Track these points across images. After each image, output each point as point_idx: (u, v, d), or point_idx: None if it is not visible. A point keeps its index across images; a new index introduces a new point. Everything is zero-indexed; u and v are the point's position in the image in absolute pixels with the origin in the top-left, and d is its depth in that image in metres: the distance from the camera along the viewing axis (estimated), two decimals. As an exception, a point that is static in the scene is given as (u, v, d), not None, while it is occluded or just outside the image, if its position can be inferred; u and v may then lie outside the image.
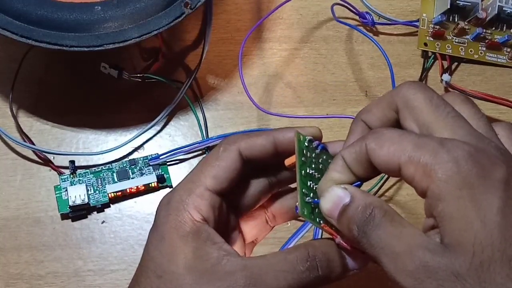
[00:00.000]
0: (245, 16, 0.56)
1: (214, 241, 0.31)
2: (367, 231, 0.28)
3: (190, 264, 0.31)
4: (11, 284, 0.46)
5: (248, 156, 0.34)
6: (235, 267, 0.30)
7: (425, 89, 0.30)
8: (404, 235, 0.27)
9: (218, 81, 0.54)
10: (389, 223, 0.28)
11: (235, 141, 0.34)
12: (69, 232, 0.48)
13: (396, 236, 0.27)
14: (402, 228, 0.28)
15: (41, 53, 0.51)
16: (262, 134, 0.34)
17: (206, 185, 0.33)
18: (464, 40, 0.55)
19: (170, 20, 0.45)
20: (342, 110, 0.53)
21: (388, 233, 0.28)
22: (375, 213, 0.28)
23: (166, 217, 0.32)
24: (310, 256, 0.31)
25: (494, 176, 0.26)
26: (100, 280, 0.47)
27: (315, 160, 0.33)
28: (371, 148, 0.29)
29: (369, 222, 0.28)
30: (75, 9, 0.46)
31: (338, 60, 0.55)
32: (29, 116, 0.51)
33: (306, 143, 0.33)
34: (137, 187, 0.48)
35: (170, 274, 0.31)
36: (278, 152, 0.34)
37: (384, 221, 0.28)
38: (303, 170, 0.32)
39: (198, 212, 0.32)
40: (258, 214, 0.37)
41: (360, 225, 0.28)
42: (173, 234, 0.32)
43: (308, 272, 0.30)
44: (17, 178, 0.49)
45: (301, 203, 0.31)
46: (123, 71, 0.50)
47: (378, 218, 0.28)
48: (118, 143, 0.50)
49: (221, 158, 0.33)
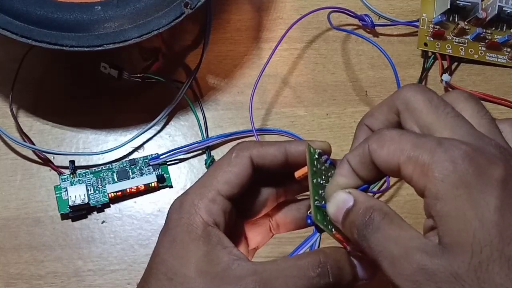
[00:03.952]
0: (245, 16, 0.56)
1: (225, 245, 0.31)
2: (366, 235, 0.28)
3: (201, 268, 0.31)
4: (11, 284, 0.46)
5: (259, 164, 0.34)
6: (245, 272, 0.30)
7: (424, 90, 0.30)
8: (402, 238, 0.27)
9: (218, 81, 0.54)
10: (387, 226, 0.28)
11: (247, 148, 0.34)
12: (69, 232, 0.48)
13: (394, 239, 0.27)
14: (400, 231, 0.28)
15: (41, 53, 0.51)
16: (275, 144, 0.35)
17: (218, 190, 0.33)
18: (464, 40, 0.55)
19: (170, 20, 0.45)
20: (342, 110, 0.53)
21: (386, 236, 0.28)
22: (374, 216, 0.28)
23: (178, 220, 0.32)
24: (322, 262, 0.30)
25: (492, 175, 0.26)
26: (100, 280, 0.47)
27: (325, 173, 0.33)
28: (373, 149, 0.29)
29: (368, 225, 0.28)
30: (75, 9, 0.46)
31: (338, 60, 0.55)
32: (29, 116, 0.51)
33: (317, 155, 0.33)
34: (137, 187, 0.48)
35: (181, 277, 0.31)
36: (288, 163, 0.34)
37: (382, 224, 0.28)
38: (315, 179, 0.32)
39: (210, 216, 0.32)
40: (263, 222, 0.37)
41: (360, 228, 0.29)
42: (185, 237, 0.32)
43: (319, 279, 0.30)
44: (17, 178, 0.49)
45: (314, 209, 0.31)
46: (123, 71, 0.50)
47: (377, 221, 0.28)
48: (118, 143, 0.50)
49: (234, 164, 0.33)
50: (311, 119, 0.53)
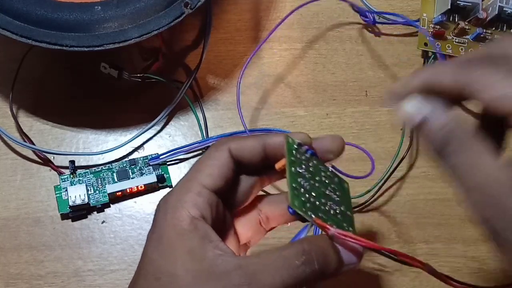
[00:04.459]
0: (245, 16, 0.56)
1: (211, 239, 0.31)
2: (445, 155, 0.28)
3: (188, 265, 0.31)
4: (11, 284, 0.46)
5: (238, 157, 0.34)
6: (231, 267, 0.30)
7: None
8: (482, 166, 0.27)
9: (218, 81, 0.54)
10: (468, 149, 0.27)
11: (226, 141, 0.35)
12: (69, 232, 0.48)
13: (474, 166, 0.27)
14: (481, 156, 0.27)
15: (41, 53, 0.51)
16: (252, 136, 0.35)
17: (203, 183, 0.33)
18: (464, 40, 0.55)
19: (170, 20, 0.45)
20: (342, 110, 0.53)
21: (466, 160, 0.27)
22: (456, 133, 0.28)
23: (164, 216, 0.32)
24: (306, 250, 0.30)
25: None
26: (100, 280, 0.47)
27: (306, 162, 0.34)
28: (476, 90, 0.27)
29: (448, 144, 0.28)
30: (75, 9, 0.46)
31: (338, 60, 0.55)
32: (29, 116, 0.51)
33: (296, 146, 0.33)
34: (137, 187, 0.48)
35: (168, 276, 0.31)
36: (267, 155, 0.34)
37: (463, 146, 0.27)
38: (293, 167, 0.32)
39: (196, 209, 0.32)
40: (252, 216, 0.38)
41: (438, 145, 0.28)
42: (171, 233, 0.32)
43: (304, 267, 0.30)
44: (17, 178, 0.49)
45: (292, 195, 0.31)
46: (123, 71, 0.50)
47: (457, 142, 0.27)
48: (118, 143, 0.50)
49: (214, 158, 0.34)
50: (311, 119, 0.53)
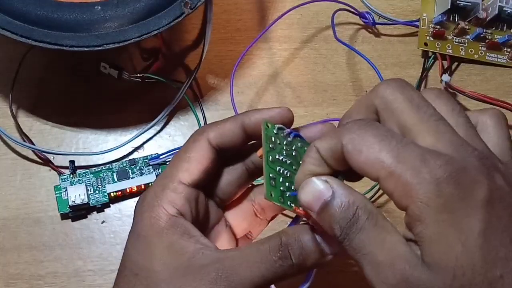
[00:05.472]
0: (245, 16, 0.56)
1: (191, 235, 0.31)
2: (350, 234, 0.27)
3: (165, 260, 0.30)
4: (11, 284, 0.46)
5: (219, 144, 0.33)
6: (209, 260, 0.30)
7: (403, 87, 0.28)
8: (387, 243, 0.26)
9: (218, 81, 0.54)
10: (372, 228, 0.27)
11: (203, 130, 0.34)
12: (69, 232, 0.48)
13: (379, 244, 0.26)
14: (385, 234, 0.27)
15: (41, 53, 0.51)
16: (230, 118, 0.34)
17: (179, 178, 0.32)
18: (464, 40, 0.55)
19: (170, 20, 0.45)
20: (342, 110, 0.53)
21: (371, 238, 0.27)
22: (359, 215, 0.27)
23: (141, 214, 0.32)
24: (283, 245, 0.30)
25: (476, 197, 0.25)
26: (100, 280, 0.47)
27: (287, 147, 0.32)
28: (347, 151, 0.27)
29: (352, 224, 0.27)
30: (75, 9, 0.46)
31: (338, 60, 0.55)
32: (29, 116, 0.51)
33: (275, 131, 0.32)
34: (137, 187, 0.48)
35: (146, 272, 0.31)
36: (248, 135, 0.34)
37: (367, 224, 0.27)
38: (271, 156, 0.31)
39: (173, 206, 0.32)
40: (246, 207, 0.37)
41: (343, 226, 0.27)
42: (148, 231, 0.32)
43: (281, 262, 0.30)
44: (17, 178, 0.49)
45: (268, 187, 0.30)
46: (123, 71, 0.50)
47: (362, 221, 0.27)
48: (118, 143, 0.50)
49: (191, 150, 0.33)
50: (311, 119, 0.52)
